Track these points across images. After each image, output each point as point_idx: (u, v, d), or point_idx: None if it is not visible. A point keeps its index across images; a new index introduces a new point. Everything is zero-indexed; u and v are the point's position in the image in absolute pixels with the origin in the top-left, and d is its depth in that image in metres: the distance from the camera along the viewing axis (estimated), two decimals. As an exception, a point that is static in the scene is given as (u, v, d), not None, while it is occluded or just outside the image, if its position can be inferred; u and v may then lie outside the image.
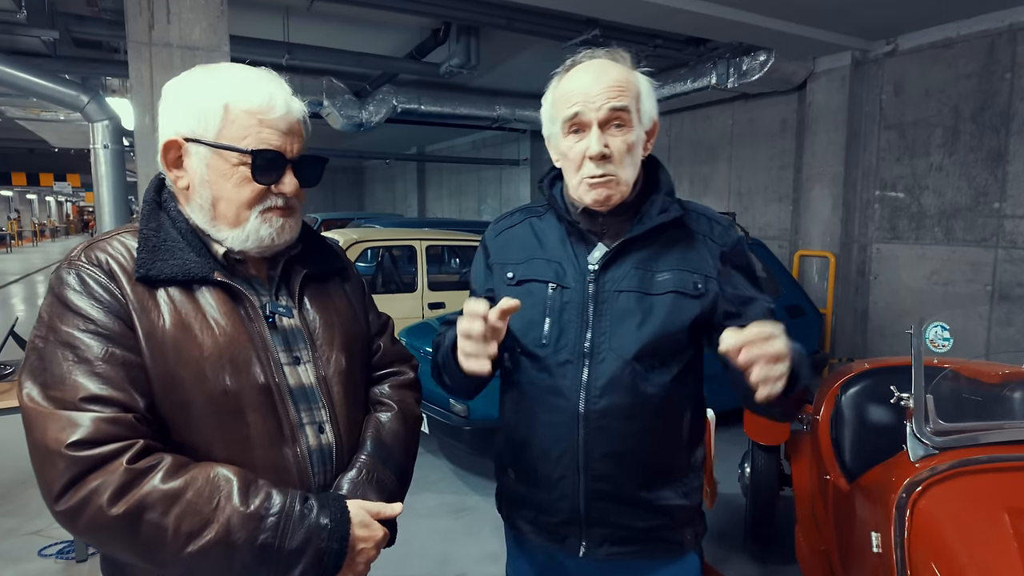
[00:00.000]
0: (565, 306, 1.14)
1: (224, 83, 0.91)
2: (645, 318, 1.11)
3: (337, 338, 1.02)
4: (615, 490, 1.13)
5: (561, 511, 1.16)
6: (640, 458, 1.13)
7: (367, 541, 0.91)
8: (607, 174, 1.08)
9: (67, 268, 0.88)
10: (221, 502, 0.80)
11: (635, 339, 1.10)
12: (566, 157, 1.13)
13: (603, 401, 1.10)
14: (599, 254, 1.15)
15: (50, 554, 2.82)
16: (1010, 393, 1.89)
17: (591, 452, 1.11)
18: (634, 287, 1.12)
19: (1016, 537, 1.22)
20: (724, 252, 1.16)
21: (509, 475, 1.25)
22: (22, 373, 0.84)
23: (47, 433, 0.78)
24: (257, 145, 0.90)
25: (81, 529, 0.78)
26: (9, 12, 2.89)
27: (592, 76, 1.08)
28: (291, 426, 0.92)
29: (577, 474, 1.13)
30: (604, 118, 1.07)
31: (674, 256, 1.14)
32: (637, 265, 1.13)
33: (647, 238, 1.14)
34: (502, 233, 1.27)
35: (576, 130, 1.10)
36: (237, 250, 0.95)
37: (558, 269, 1.16)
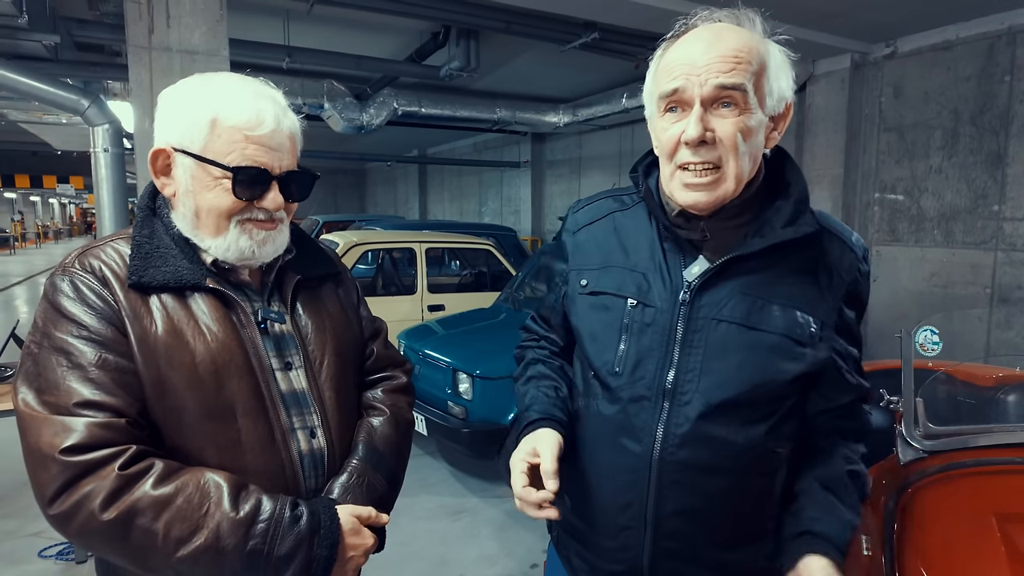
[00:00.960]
0: (646, 329, 0.94)
1: (215, 96, 0.91)
2: (747, 358, 0.91)
3: (329, 343, 1.02)
4: (686, 550, 0.96)
5: (621, 561, 1.00)
6: (721, 517, 0.95)
7: (356, 548, 0.92)
8: (708, 163, 0.87)
9: (61, 275, 0.89)
10: (211, 508, 0.81)
11: (731, 383, 0.91)
12: (659, 140, 0.92)
13: (683, 452, 0.92)
14: (698, 269, 0.94)
15: (50, 555, 2.84)
16: (1004, 396, 1.89)
17: (663, 507, 0.94)
18: (738, 318, 0.91)
19: (1004, 542, 1.22)
20: (850, 291, 0.95)
21: (565, 502, 1.08)
22: (17, 378, 0.85)
23: (41, 438, 0.79)
24: (241, 162, 0.90)
25: (73, 533, 0.80)
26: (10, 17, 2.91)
27: (703, 44, 0.87)
28: (283, 431, 0.94)
29: (643, 528, 0.96)
30: (709, 95, 0.86)
31: (792, 286, 0.92)
32: (746, 290, 0.92)
33: (764, 256, 0.92)
34: (581, 230, 1.08)
35: (673, 108, 0.89)
36: (220, 259, 0.95)
37: (641, 282, 0.97)
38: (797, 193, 0.93)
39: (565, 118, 7.79)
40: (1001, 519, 1.27)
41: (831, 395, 0.98)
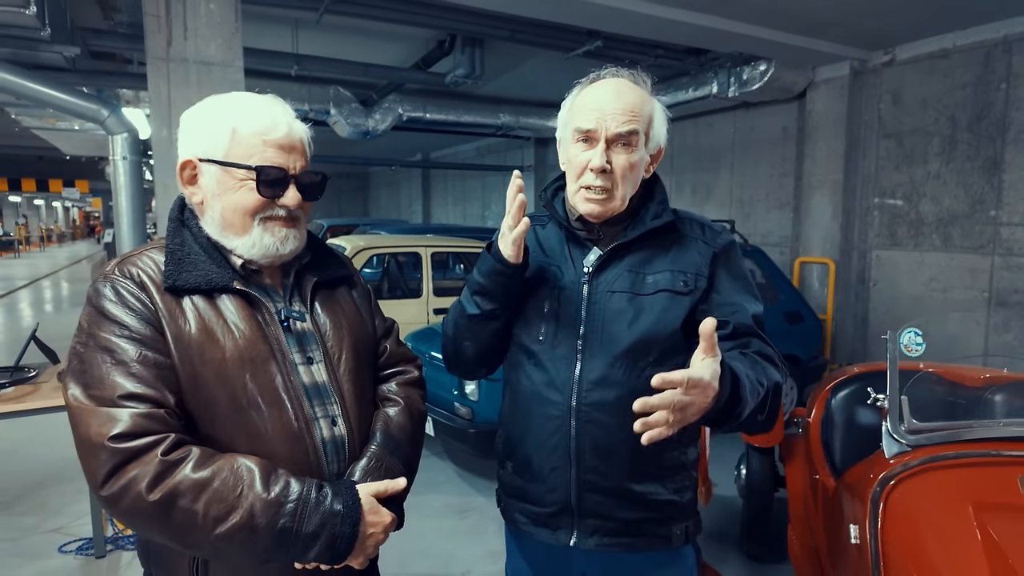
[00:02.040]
0: (561, 305, 1.21)
1: (232, 109, 1.01)
2: (636, 316, 1.17)
3: (346, 340, 1.11)
4: (605, 482, 1.18)
5: (553, 502, 1.21)
6: (630, 452, 1.16)
7: (376, 526, 1.00)
8: (604, 187, 1.15)
9: (103, 281, 0.97)
10: (244, 490, 0.89)
11: (625, 336, 1.16)
12: (571, 162, 1.19)
13: (594, 395, 1.16)
14: (593, 257, 1.22)
15: (69, 551, 2.92)
16: (990, 396, 1.97)
17: (582, 444, 1.17)
18: (626, 288, 1.18)
19: (979, 528, 1.30)
20: (715, 253, 1.22)
21: (507, 469, 1.31)
22: (66, 376, 0.94)
23: (90, 428, 0.88)
24: (261, 162, 1.00)
25: (122, 513, 0.88)
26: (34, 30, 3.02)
27: (611, 95, 1.15)
28: (306, 420, 1.02)
29: (568, 465, 1.19)
30: (612, 137, 1.13)
31: (666, 258, 1.21)
32: (630, 268, 1.20)
33: (640, 242, 1.21)
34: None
35: (585, 140, 1.16)
36: (247, 258, 1.04)
37: (556, 271, 1.24)
38: (659, 198, 1.25)
39: (568, 123, 7.88)
40: (977, 508, 1.35)
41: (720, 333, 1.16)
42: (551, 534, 1.24)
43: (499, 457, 1.35)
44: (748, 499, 2.89)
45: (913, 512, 1.42)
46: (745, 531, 2.93)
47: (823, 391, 2.41)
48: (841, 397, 2.29)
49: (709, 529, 3.22)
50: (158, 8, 2.96)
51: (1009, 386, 2.02)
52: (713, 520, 3.30)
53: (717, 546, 3.05)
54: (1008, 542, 1.26)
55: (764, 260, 5.00)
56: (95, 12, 4.38)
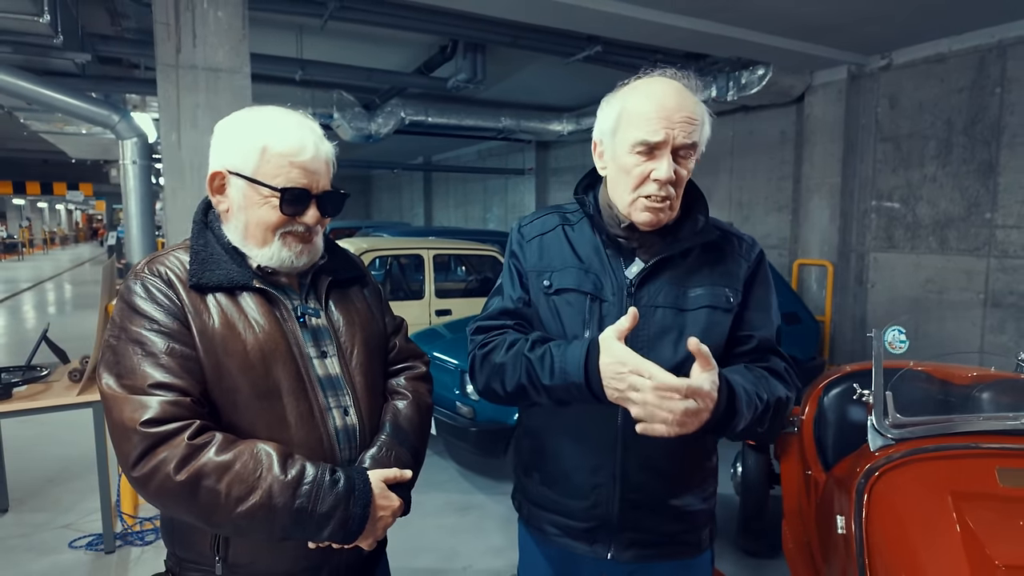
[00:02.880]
0: (604, 319, 1.14)
1: (264, 128, 1.08)
2: (682, 334, 1.12)
3: (358, 335, 1.18)
4: (648, 499, 1.17)
5: (593, 517, 1.20)
6: (673, 469, 1.18)
7: (386, 509, 1.07)
8: (667, 197, 1.10)
9: (134, 279, 1.05)
10: (263, 472, 0.96)
11: (673, 354, 1.12)
12: (627, 172, 1.12)
13: None
14: (636, 269, 1.16)
15: (80, 546, 2.98)
16: (978, 394, 2.03)
17: (628, 464, 1.16)
18: (669, 303, 1.14)
19: (958, 517, 1.37)
20: (751, 269, 1.20)
21: (533, 479, 1.28)
22: (99, 366, 1.01)
23: (123, 414, 0.95)
24: (286, 183, 1.06)
25: (152, 492, 0.95)
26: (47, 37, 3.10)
27: (674, 104, 1.08)
28: (320, 409, 1.09)
29: (613, 484, 1.17)
30: (677, 148, 1.08)
31: (705, 272, 1.17)
32: (671, 281, 1.15)
33: (683, 256, 1.17)
34: (534, 239, 1.26)
35: (646, 151, 1.09)
36: (263, 265, 1.11)
37: (596, 281, 1.17)
38: (703, 208, 1.21)
39: (569, 127, 7.96)
40: (956, 497, 1.42)
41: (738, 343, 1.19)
42: (588, 547, 1.22)
43: (523, 465, 1.33)
44: (744, 496, 2.94)
45: (896, 502, 1.48)
46: (741, 527, 2.98)
47: (816, 389, 2.47)
48: (833, 395, 2.35)
49: (706, 526, 3.27)
50: (168, 16, 3.03)
51: (996, 384, 2.08)
52: (710, 517, 3.35)
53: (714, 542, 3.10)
54: (984, 530, 1.33)
55: (762, 262, 5.06)
56: (104, 19, 4.46)
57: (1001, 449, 1.57)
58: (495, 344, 1.21)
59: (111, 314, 1.06)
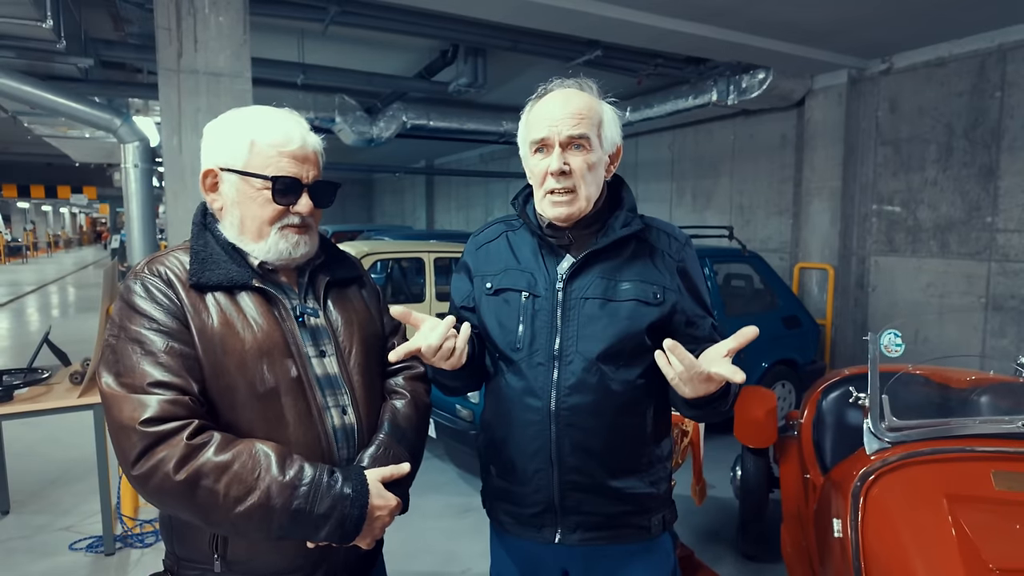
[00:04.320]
0: (537, 313, 1.24)
1: (251, 122, 1.10)
2: (609, 322, 1.21)
3: (356, 335, 1.19)
4: (586, 481, 1.24)
5: (538, 502, 1.26)
6: (608, 451, 1.23)
7: (383, 509, 1.08)
8: (567, 188, 1.19)
9: (134, 279, 1.06)
10: (262, 473, 0.97)
11: (599, 341, 1.21)
12: (532, 173, 1.25)
13: (572, 399, 1.21)
14: (567, 265, 1.26)
15: (80, 548, 2.99)
16: (976, 397, 2.03)
17: (563, 447, 1.22)
18: (599, 295, 1.23)
19: (953, 520, 1.37)
20: (680, 268, 1.28)
21: (491, 472, 1.36)
22: (99, 365, 1.02)
23: (123, 412, 0.95)
24: (276, 172, 1.08)
25: (152, 491, 0.95)
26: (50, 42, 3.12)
27: (558, 104, 1.21)
28: (318, 408, 1.10)
29: (551, 467, 1.24)
30: (565, 140, 1.18)
31: (636, 268, 1.25)
32: (602, 275, 1.24)
33: (611, 250, 1.25)
34: (481, 247, 1.38)
35: (540, 150, 1.22)
36: (261, 260, 1.12)
37: (530, 279, 1.27)
38: (628, 205, 1.29)
39: (570, 131, 7.96)
40: (951, 500, 1.42)
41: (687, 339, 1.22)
42: (536, 532, 1.29)
43: (482, 461, 1.40)
44: (743, 499, 2.94)
45: (891, 505, 1.48)
46: (740, 531, 2.98)
47: (814, 393, 2.47)
48: (831, 399, 2.35)
49: (705, 529, 3.27)
50: (169, 21, 3.05)
51: (993, 387, 2.08)
52: (709, 520, 3.35)
53: (713, 546, 3.10)
54: (979, 533, 1.33)
55: (762, 265, 5.06)
56: (107, 24, 4.49)
57: (997, 452, 1.57)
58: None
59: (111, 314, 1.07)
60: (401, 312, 1.10)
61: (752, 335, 1.02)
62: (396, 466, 1.12)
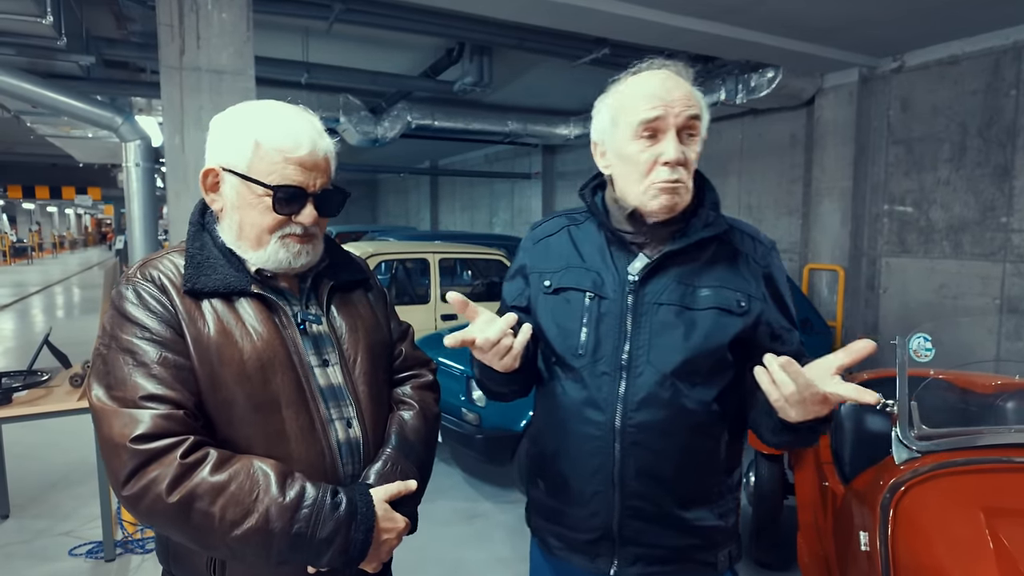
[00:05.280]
0: (603, 316, 1.11)
1: (258, 121, 1.01)
2: (686, 332, 1.08)
3: (362, 342, 1.11)
4: (651, 508, 1.10)
5: (593, 528, 1.13)
6: (677, 476, 1.10)
7: (390, 531, 1.01)
8: (679, 180, 1.05)
9: (125, 284, 0.99)
10: (260, 494, 0.90)
11: (675, 353, 1.07)
12: (632, 161, 1.07)
13: (640, 415, 1.08)
14: (640, 265, 1.12)
15: (80, 553, 2.94)
16: (1002, 403, 1.96)
17: (627, 468, 1.09)
18: (675, 301, 1.09)
19: (991, 535, 1.29)
20: (766, 275, 1.15)
21: (539, 487, 1.23)
22: (89, 377, 0.95)
23: (113, 428, 0.89)
24: (280, 181, 0.99)
25: (143, 513, 0.89)
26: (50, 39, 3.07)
27: (670, 82, 1.07)
28: (322, 422, 1.02)
29: (611, 490, 1.10)
30: (682, 124, 1.05)
31: (717, 273, 1.12)
32: (679, 279, 1.10)
33: (689, 251, 1.11)
34: (540, 242, 1.25)
35: (651, 135, 1.06)
36: (260, 267, 1.04)
37: (596, 279, 1.13)
38: (711, 202, 1.15)
39: (576, 130, 7.91)
40: (988, 514, 1.34)
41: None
42: (589, 561, 1.16)
43: (529, 473, 1.28)
44: (757, 506, 2.87)
45: (923, 519, 1.41)
46: (754, 538, 2.91)
47: (832, 398, 2.40)
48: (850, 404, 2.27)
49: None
50: (171, 18, 3.00)
51: (1021, 393, 2.00)
52: (722, 528, 3.28)
53: (726, 554, 3.03)
54: (1020, 550, 1.26)
55: (773, 267, 4.99)
56: (109, 22, 4.45)
57: (1035, 463, 1.50)
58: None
59: (102, 322, 1.01)
60: (459, 300, 1.01)
61: (868, 350, 0.89)
62: (403, 483, 1.05)
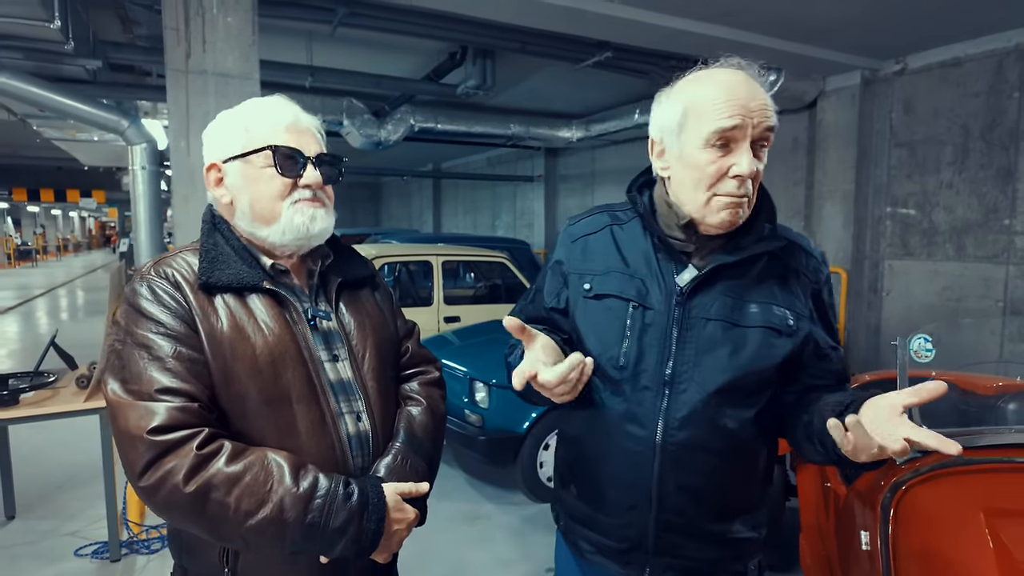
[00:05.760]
0: (647, 328, 1.07)
1: (243, 111, 1.09)
2: (734, 351, 1.04)
3: (369, 338, 1.14)
4: (687, 523, 1.09)
5: (627, 538, 1.12)
6: (716, 493, 1.08)
7: (401, 522, 1.03)
8: (746, 195, 1.01)
9: (140, 281, 1.01)
10: (274, 485, 0.92)
11: (722, 372, 1.04)
12: (699, 169, 1.01)
13: (682, 433, 1.05)
14: (689, 276, 1.07)
15: (85, 554, 2.96)
16: (1004, 404, 1.97)
17: (666, 484, 1.07)
18: (723, 316, 1.05)
19: (991, 535, 1.30)
20: (816, 292, 1.11)
21: (571, 492, 1.22)
22: (105, 372, 0.97)
23: (129, 421, 0.91)
24: (275, 143, 1.05)
25: (160, 504, 0.91)
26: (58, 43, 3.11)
27: (748, 89, 1.00)
28: (332, 415, 1.05)
29: (649, 505, 1.08)
30: (758, 136, 1.00)
31: (767, 288, 1.07)
32: (727, 292, 1.06)
33: (741, 264, 1.06)
34: (578, 240, 1.19)
35: (723, 144, 1.00)
36: (279, 244, 1.07)
37: (640, 287, 1.09)
38: (767, 214, 1.10)
39: (578, 133, 7.93)
40: (989, 514, 1.35)
41: (816, 374, 1.12)
42: (620, 568, 1.15)
43: (561, 478, 1.26)
44: (760, 508, 2.88)
45: (924, 518, 1.42)
46: (757, 540, 2.91)
47: (834, 399, 2.41)
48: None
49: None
50: (178, 21, 3.03)
51: (1022, 394, 2.01)
52: (724, 529, 3.29)
53: (728, 555, 3.04)
54: (1020, 549, 1.26)
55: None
56: (115, 26, 4.48)
57: (1035, 463, 1.51)
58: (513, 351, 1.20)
59: (116, 318, 1.03)
60: (515, 326, 0.97)
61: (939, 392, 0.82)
62: (415, 484, 1.07)
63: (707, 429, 1.05)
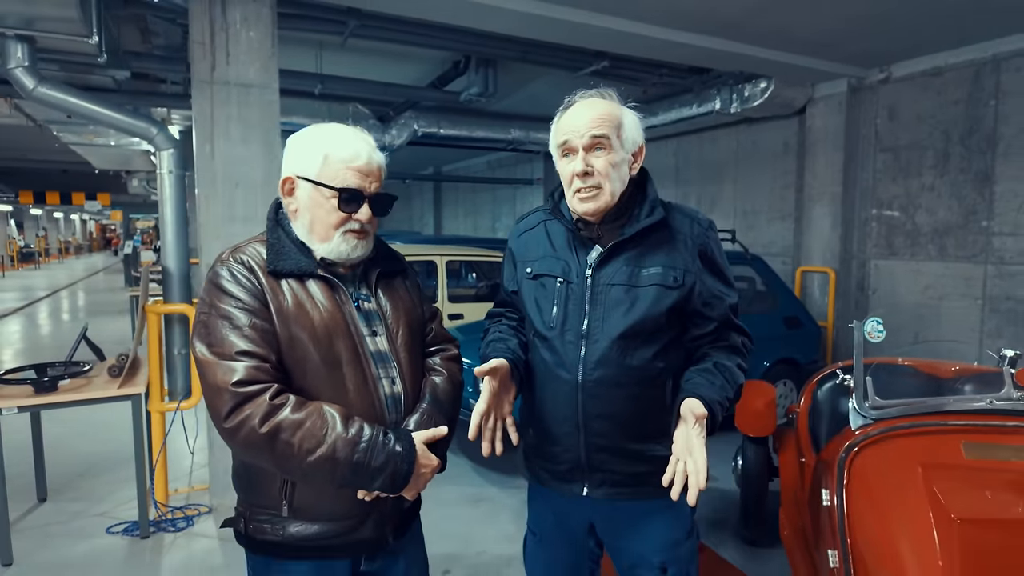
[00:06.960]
0: (570, 297, 1.42)
1: (326, 139, 1.29)
2: (631, 306, 1.37)
3: (402, 319, 1.38)
4: (609, 443, 1.41)
5: (567, 460, 1.45)
6: (629, 417, 1.40)
7: (426, 466, 1.27)
8: (592, 187, 1.35)
9: (220, 265, 1.25)
10: (329, 430, 1.15)
11: (621, 323, 1.37)
12: (563, 175, 1.41)
13: (596, 373, 1.38)
14: (595, 255, 1.42)
15: (116, 531, 3.17)
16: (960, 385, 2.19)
17: (588, 413, 1.40)
18: (623, 281, 1.39)
19: (926, 485, 1.53)
20: (701, 249, 1.41)
21: (529, 433, 1.54)
22: (192, 338, 1.21)
23: (216, 376, 1.14)
24: (343, 184, 1.26)
25: (239, 442, 1.14)
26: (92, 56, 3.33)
27: (580, 111, 1.37)
28: (372, 379, 1.29)
29: (578, 431, 1.42)
30: (587, 144, 1.34)
31: (659, 254, 1.39)
32: (627, 263, 1.39)
33: (636, 239, 1.39)
34: (523, 235, 1.57)
35: (567, 154, 1.39)
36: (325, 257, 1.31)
37: (564, 266, 1.44)
38: (651, 196, 1.44)
39: (577, 138, 8.14)
40: (925, 468, 1.58)
41: (700, 323, 1.44)
42: (567, 486, 1.47)
43: (522, 423, 1.54)
44: (744, 487, 3.09)
45: (872, 473, 1.65)
46: (742, 518, 3.13)
47: (811, 384, 2.63)
48: (825, 388, 2.51)
49: (708, 517, 3.42)
50: (204, 36, 3.25)
51: (976, 376, 2.24)
52: (712, 508, 3.51)
53: (715, 532, 3.26)
54: (949, 496, 1.49)
55: (764, 268, 5.22)
56: (136, 36, 4.71)
57: (967, 426, 1.73)
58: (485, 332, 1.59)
59: (200, 295, 1.26)
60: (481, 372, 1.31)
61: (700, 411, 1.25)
62: (436, 429, 1.31)
63: (615, 368, 1.38)
